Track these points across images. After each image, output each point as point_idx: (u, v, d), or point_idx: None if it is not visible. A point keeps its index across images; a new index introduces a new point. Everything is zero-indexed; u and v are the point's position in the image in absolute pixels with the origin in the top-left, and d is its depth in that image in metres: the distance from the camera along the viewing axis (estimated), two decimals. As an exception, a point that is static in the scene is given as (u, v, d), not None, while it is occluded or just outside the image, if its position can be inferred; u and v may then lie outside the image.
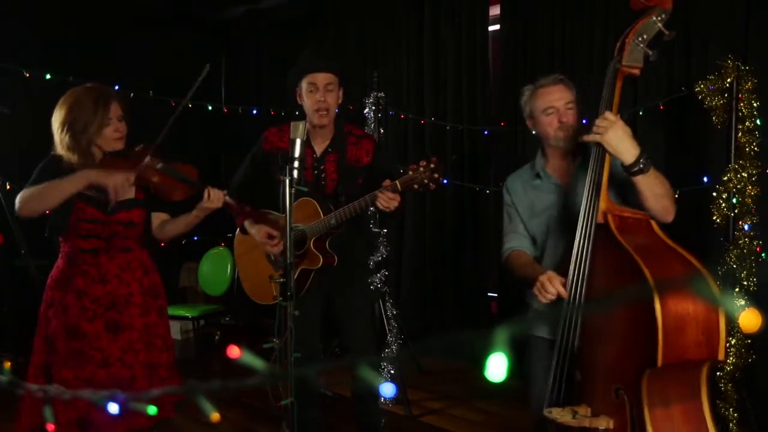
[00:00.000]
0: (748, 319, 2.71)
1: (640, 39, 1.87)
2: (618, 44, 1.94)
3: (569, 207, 2.16)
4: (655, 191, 1.91)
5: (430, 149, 5.02)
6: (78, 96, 2.33)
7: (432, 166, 2.33)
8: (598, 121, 1.90)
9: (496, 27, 4.76)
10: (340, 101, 2.71)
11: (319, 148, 2.71)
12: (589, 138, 1.92)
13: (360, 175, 2.68)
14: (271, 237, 2.62)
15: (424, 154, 5.05)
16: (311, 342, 2.74)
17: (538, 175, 2.27)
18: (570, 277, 1.92)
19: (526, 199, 2.28)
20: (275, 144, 2.74)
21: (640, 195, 1.93)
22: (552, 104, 2.18)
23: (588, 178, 1.93)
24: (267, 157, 2.74)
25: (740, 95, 2.97)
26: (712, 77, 3.03)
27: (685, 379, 1.72)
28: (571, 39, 4.21)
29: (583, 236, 1.89)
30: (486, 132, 4.68)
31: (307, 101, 2.64)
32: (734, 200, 2.96)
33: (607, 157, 1.91)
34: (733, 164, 2.99)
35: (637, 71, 1.92)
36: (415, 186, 2.36)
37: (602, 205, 1.87)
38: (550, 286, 1.94)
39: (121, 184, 2.26)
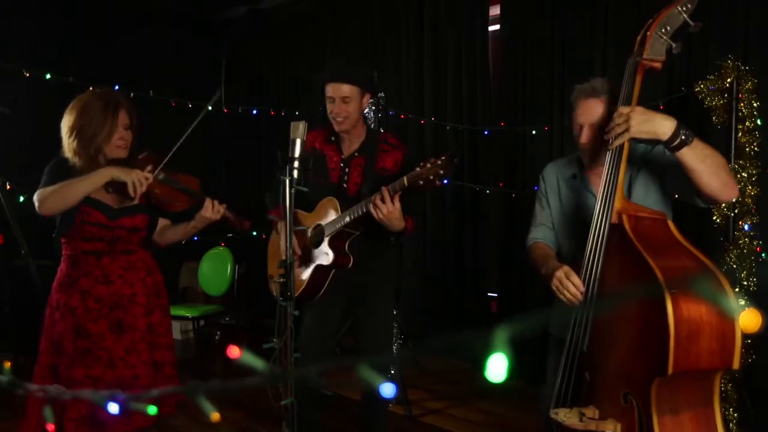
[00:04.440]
0: (748, 319, 2.72)
1: (663, 31, 1.76)
2: (639, 37, 1.83)
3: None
4: (707, 163, 1.75)
5: (430, 149, 5.02)
6: (87, 102, 2.34)
7: (439, 162, 2.26)
8: (614, 122, 1.80)
9: (496, 27, 4.77)
10: (365, 108, 2.72)
11: (346, 151, 2.72)
12: (617, 142, 1.80)
13: (385, 182, 2.66)
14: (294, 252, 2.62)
15: (424, 154, 5.06)
16: (322, 344, 2.73)
17: (574, 176, 2.17)
18: (582, 277, 1.85)
19: (558, 196, 2.20)
20: (314, 143, 2.75)
21: (694, 174, 1.76)
22: (578, 122, 2.06)
23: (603, 178, 1.84)
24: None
25: (740, 95, 2.98)
26: (712, 77, 3.03)
27: (696, 386, 1.66)
28: (571, 39, 4.21)
29: (596, 236, 1.81)
30: (486, 132, 4.68)
31: (327, 108, 2.67)
32: (734, 200, 2.96)
33: (624, 156, 1.81)
34: (733, 164, 2.99)
35: (659, 65, 1.81)
36: (420, 182, 2.30)
37: (617, 204, 1.78)
38: (570, 284, 1.85)
39: (140, 182, 2.27)
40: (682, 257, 1.68)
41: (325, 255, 2.60)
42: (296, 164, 2.15)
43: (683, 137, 1.73)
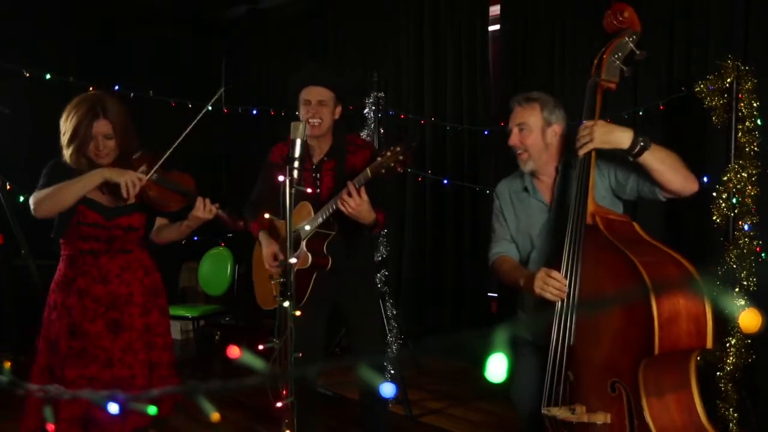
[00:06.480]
0: (748, 319, 2.71)
1: (615, 57, 2.04)
2: (596, 61, 2.08)
3: (552, 222, 2.21)
4: (668, 163, 1.96)
5: (430, 149, 5.02)
6: (72, 106, 2.34)
7: (398, 149, 2.37)
8: (580, 134, 2.01)
9: (496, 27, 4.77)
10: (337, 116, 2.73)
11: (316, 157, 2.74)
12: (583, 151, 1.99)
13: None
14: (275, 258, 2.64)
15: (424, 154, 5.06)
16: (312, 344, 2.73)
17: (525, 189, 2.30)
18: None
19: (513, 211, 2.33)
20: (283, 154, 2.77)
21: (657, 174, 1.96)
22: (510, 126, 2.28)
23: (575, 183, 2.01)
24: (275, 167, 2.78)
25: (740, 95, 2.97)
26: (712, 77, 3.03)
27: (676, 369, 1.80)
28: (572, 39, 4.20)
29: (573, 238, 1.95)
30: (486, 132, 4.68)
31: (302, 113, 2.70)
32: (734, 200, 2.96)
33: (592, 163, 1.98)
34: (733, 164, 2.99)
35: (614, 85, 2.05)
36: (383, 171, 2.38)
37: (590, 207, 1.95)
38: (553, 280, 1.96)
39: (133, 183, 2.27)
40: (653, 252, 1.86)
41: (302, 258, 2.60)
42: (296, 164, 2.15)
43: (642, 144, 1.93)
